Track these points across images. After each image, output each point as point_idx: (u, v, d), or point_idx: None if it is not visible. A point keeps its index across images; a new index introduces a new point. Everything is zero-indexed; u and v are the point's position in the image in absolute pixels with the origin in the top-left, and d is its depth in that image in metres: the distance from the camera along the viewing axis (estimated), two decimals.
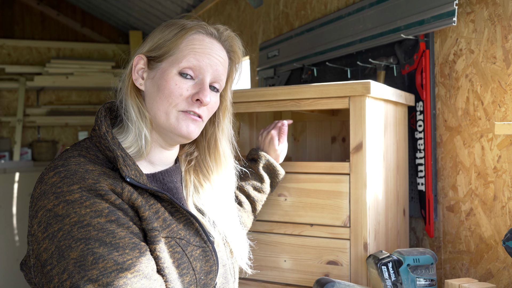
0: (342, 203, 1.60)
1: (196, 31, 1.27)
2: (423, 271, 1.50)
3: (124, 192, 1.11)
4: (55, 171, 1.09)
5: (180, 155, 1.40)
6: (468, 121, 1.84)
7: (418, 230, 2.05)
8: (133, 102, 1.24)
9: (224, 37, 1.31)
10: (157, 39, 1.27)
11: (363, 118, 1.57)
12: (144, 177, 1.17)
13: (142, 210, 1.12)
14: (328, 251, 1.63)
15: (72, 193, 1.05)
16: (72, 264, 1.00)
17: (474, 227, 1.81)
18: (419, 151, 1.98)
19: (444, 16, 1.81)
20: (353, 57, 2.34)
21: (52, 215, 1.04)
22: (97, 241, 1.02)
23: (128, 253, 1.04)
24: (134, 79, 1.27)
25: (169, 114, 1.22)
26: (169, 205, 1.22)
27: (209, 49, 1.26)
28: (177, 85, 1.22)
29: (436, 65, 1.96)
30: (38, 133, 5.64)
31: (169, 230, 1.18)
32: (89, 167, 1.11)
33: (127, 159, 1.16)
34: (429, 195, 1.94)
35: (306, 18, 2.76)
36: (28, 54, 5.60)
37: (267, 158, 1.65)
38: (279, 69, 2.89)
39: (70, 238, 1.01)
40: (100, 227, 1.03)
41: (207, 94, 1.23)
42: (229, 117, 1.40)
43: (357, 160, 1.58)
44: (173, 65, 1.23)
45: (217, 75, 1.27)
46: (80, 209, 1.03)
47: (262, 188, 1.64)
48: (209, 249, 1.27)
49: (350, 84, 1.57)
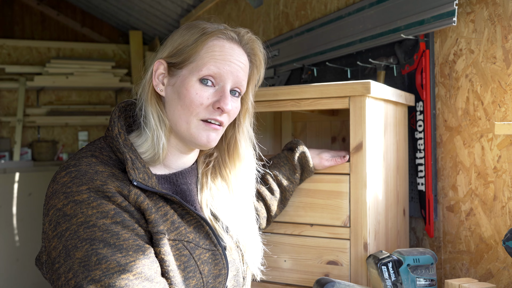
0: (342, 203, 1.60)
1: (217, 37, 1.24)
2: (423, 271, 1.50)
3: (130, 195, 1.11)
4: (67, 170, 1.11)
5: (199, 157, 1.39)
6: (468, 121, 1.84)
7: (418, 230, 2.05)
8: (153, 109, 1.24)
9: (245, 40, 1.30)
10: (177, 44, 1.25)
11: (363, 118, 1.57)
12: (153, 179, 1.17)
13: (148, 212, 1.12)
14: (328, 251, 1.63)
15: (81, 194, 1.06)
16: (77, 263, 1.01)
17: (474, 227, 1.81)
18: (419, 151, 1.98)
19: (444, 16, 1.81)
20: (353, 57, 2.34)
21: (61, 214, 1.06)
22: (102, 242, 1.03)
23: (132, 254, 1.05)
24: (154, 85, 1.26)
25: (190, 123, 1.22)
26: (180, 207, 1.22)
27: (229, 56, 1.24)
28: (197, 94, 1.21)
29: (436, 65, 1.96)
30: (38, 133, 5.64)
31: (177, 233, 1.18)
32: (99, 168, 1.11)
33: (137, 161, 1.16)
34: (429, 195, 1.94)
35: (306, 18, 2.76)
36: (28, 54, 5.60)
37: (304, 150, 1.64)
38: (279, 69, 2.89)
39: (76, 238, 1.03)
40: (105, 228, 1.04)
41: (228, 102, 1.22)
42: (249, 118, 1.40)
43: (357, 160, 1.58)
44: (194, 73, 1.22)
45: (238, 80, 1.26)
46: (87, 209, 1.05)
47: (294, 178, 1.64)
48: (218, 253, 1.26)
49: (350, 84, 1.57)
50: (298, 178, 1.65)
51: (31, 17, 5.68)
